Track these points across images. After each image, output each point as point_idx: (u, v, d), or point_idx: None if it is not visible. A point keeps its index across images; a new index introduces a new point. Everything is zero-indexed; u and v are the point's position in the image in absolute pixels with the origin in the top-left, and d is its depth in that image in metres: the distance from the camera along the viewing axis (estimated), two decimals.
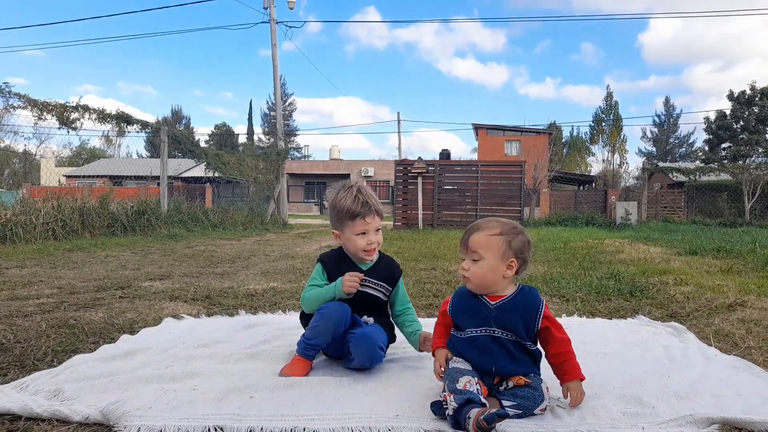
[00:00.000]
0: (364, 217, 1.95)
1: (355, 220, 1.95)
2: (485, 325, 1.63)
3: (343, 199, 1.97)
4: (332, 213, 2.02)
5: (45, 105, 8.75)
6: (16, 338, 2.31)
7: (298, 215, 27.69)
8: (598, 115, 52.07)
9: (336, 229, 2.02)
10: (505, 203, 14.29)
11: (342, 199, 1.97)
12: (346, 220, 1.96)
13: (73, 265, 5.01)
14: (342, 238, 2.01)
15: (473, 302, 1.67)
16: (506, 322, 1.62)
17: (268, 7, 16.88)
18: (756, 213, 18.03)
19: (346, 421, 1.45)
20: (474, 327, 1.64)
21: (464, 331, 1.65)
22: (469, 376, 1.52)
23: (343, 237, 2.00)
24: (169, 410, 1.51)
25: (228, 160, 13.05)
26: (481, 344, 1.61)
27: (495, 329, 1.62)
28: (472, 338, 1.63)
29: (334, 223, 2.02)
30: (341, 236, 2.01)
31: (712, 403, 1.59)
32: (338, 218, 1.99)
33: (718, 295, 3.37)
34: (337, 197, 2.00)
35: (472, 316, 1.65)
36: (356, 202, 1.94)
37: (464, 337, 1.65)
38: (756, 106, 28.83)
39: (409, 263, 5.23)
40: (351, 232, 1.97)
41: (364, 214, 1.95)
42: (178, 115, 61.03)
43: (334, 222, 2.02)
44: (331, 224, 2.05)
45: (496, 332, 1.62)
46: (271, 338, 2.33)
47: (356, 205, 1.94)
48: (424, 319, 2.77)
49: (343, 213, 1.96)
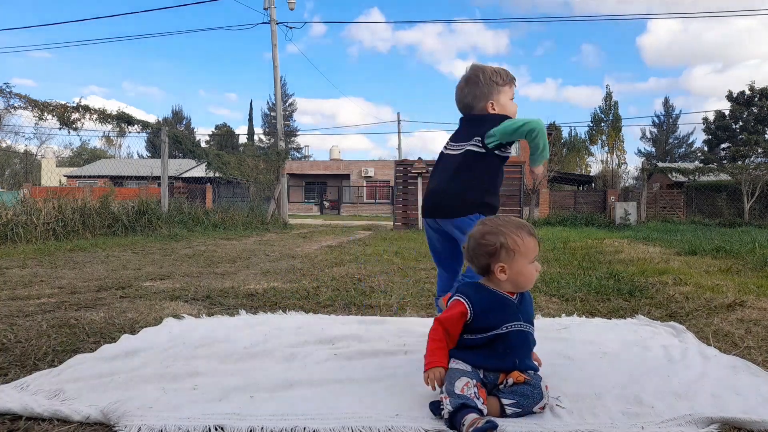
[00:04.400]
0: None
1: None
2: (515, 320, 1.60)
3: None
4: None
5: (46, 105, 8.75)
6: (16, 338, 2.31)
7: (298, 215, 27.70)
8: (597, 115, 52.07)
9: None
10: (504, 203, 14.27)
11: None
12: None
13: (73, 265, 5.01)
14: None
15: (496, 298, 1.62)
16: (528, 314, 1.63)
17: (269, 8, 16.90)
18: (755, 213, 18.04)
19: (346, 421, 1.46)
20: (506, 323, 1.58)
21: (491, 330, 1.57)
22: (467, 378, 1.51)
23: None
24: (169, 410, 1.52)
25: (228, 161, 13.05)
26: (510, 341, 1.58)
27: (522, 323, 1.61)
28: (500, 336, 1.57)
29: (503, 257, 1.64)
30: None
31: (711, 402, 1.59)
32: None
33: (718, 295, 3.37)
34: None
35: (502, 312, 1.60)
36: None
37: (489, 335, 1.57)
38: (755, 106, 28.83)
39: (409, 263, 5.24)
40: None
41: None
42: (179, 115, 61.01)
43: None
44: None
45: (523, 326, 1.61)
46: (271, 338, 2.34)
47: None
48: (423, 318, 2.78)
49: None
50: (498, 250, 1.60)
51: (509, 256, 1.60)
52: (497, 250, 1.60)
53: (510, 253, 1.60)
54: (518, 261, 1.60)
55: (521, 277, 1.62)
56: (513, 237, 1.60)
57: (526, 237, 1.62)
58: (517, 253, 1.60)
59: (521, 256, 1.60)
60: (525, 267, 1.61)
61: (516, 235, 1.61)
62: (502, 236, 1.61)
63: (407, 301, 3.28)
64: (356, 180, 39.50)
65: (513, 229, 1.62)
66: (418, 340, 2.31)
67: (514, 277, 1.61)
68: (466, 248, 1.69)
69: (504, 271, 1.60)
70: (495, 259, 1.60)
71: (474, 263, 1.66)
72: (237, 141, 54.92)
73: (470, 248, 1.65)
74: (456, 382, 1.49)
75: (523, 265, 1.61)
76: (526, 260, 1.61)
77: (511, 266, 1.60)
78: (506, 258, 1.60)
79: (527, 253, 1.61)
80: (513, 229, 1.62)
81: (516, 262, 1.60)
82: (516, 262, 1.60)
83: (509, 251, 1.60)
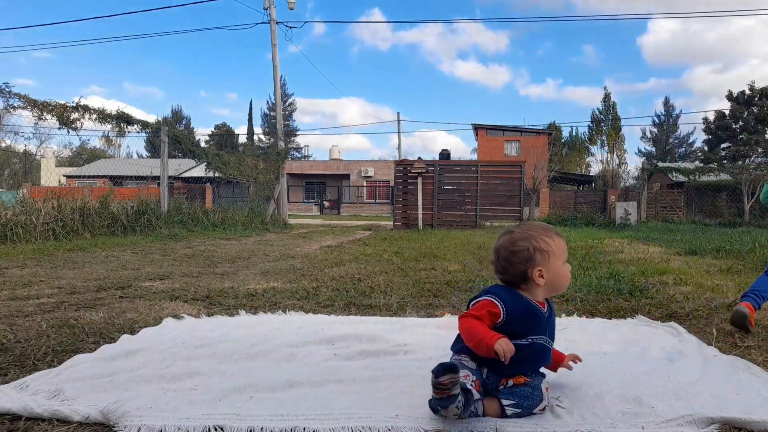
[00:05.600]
0: None
1: None
2: (541, 334, 1.57)
3: None
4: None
5: (45, 105, 8.75)
6: (16, 338, 2.31)
7: (298, 215, 27.70)
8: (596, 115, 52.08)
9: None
10: (504, 203, 14.30)
11: None
12: None
13: (73, 265, 5.01)
14: None
15: (529, 307, 1.58)
16: (553, 330, 1.61)
17: (269, 8, 16.90)
18: (755, 213, 18.05)
19: (346, 421, 1.45)
20: (532, 335, 1.55)
21: (515, 339, 1.52)
22: (467, 371, 1.51)
23: None
24: (169, 410, 1.51)
25: (228, 160, 13.05)
26: (529, 353, 1.55)
27: (546, 338, 1.59)
28: (521, 346, 1.53)
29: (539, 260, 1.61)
30: None
31: (711, 402, 1.59)
32: None
33: (718, 295, 3.37)
34: None
35: (532, 323, 1.57)
36: None
37: (525, 343, 1.54)
38: (755, 106, 28.84)
39: (409, 263, 5.24)
40: None
41: None
42: (178, 115, 61.03)
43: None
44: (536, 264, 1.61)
45: (546, 341, 1.59)
46: (271, 338, 2.34)
47: None
48: (423, 318, 2.78)
49: None
50: (533, 254, 1.58)
51: (544, 258, 1.58)
52: (532, 254, 1.58)
53: (545, 255, 1.58)
54: (554, 262, 1.59)
55: (559, 279, 1.60)
56: (544, 239, 1.59)
57: (556, 237, 1.61)
58: (552, 255, 1.58)
59: (555, 257, 1.59)
60: (560, 268, 1.60)
61: (547, 237, 1.60)
62: (533, 240, 1.59)
63: (407, 301, 3.28)
64: (356, 180, 39.51)
65: (541, 231, 1.62)
66: (418, 340, 2.32)
67: (552, 279, 1.59)
68: (495, 261, 1.65)
69: (542, 275, 1.57)
70: (531, 263, 1.58)
71: (508, 273, 1.62)
72: (237, 141, 54.94)
73: (502, 259, 1.62)
74: None
75: (559, 266, 1.60)
76: (560, 261, 1.60)
77: (548, 269, 1.58)
78: (542, 261, 1.58)
79: (560, 254, 1.60)
80: (542, 232, 1.61)
81: (552, 264, 1.58)
82: (552, 264, 1.58)
83: (543, 253, 1.58)
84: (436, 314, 2.91)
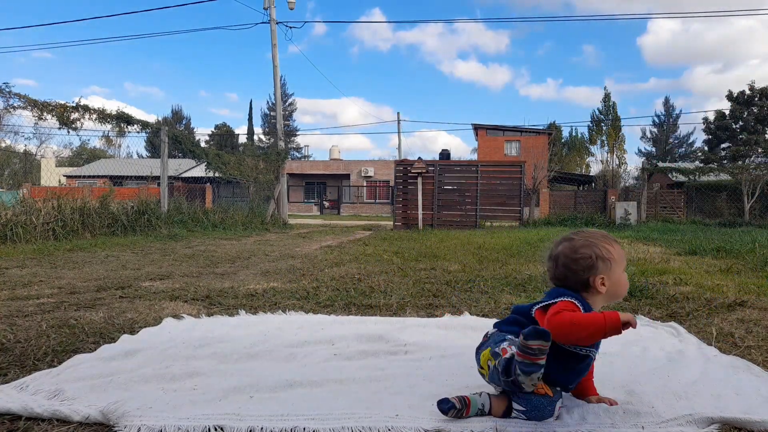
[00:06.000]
0: None
1: None
2: (595, 347, 1.55)
3: None
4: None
5: (45, 105, 8.75)
6: (16, 338, 2.31)
7: (298, 215, 27.70)
8: (596, 116, 52.09)
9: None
10: (504, 203, 14.30)
11: None
12: None
13: (73, 265, 5.01)
14: None
15: None
16: (599, 344, 1.58)
17: (269, 8, 16.91)
18: (755, 213, 18.05)
19: (346, 421, 1.45)
20: (590, 347, 1.53)
21: (574, 346, 1.50)
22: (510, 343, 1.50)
23: None
24: (169, 410, 1.51)
25: (228, 160, 13.05)
26: (579, 364, 1.53)
27: (596, 351, 1.57)
28: (576, 356, 1.50)
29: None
30: None
31: (711, 402, 1.59)
32: None
33: (718, 295, 3.37)
34: None
35: None
36: None
37: (569, 349, 1.50)
38: (755, 106, 28.85)
39: (409, 263, 5.24)
40: None
41: None
42: (179, 115, 61.04)
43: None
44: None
45: (594, 354, 1.56)
46: (271, 338, 2.34)
47: None
48: (423, 318, 2.78)
49: None
50: (595, 261, 1.56)
51: (607, 266, 1.56)
52: (594, 262, 1.56)
53: (607, 263, 1.56)
54: (615, 270, 1.57)
55: (619, 287, 1.58)
56: (606, 246, 1.58)
57: (615, 245, 1.60)
58: (613, 262, 1.57)
59: (617, 265, 1.57)
60: (621, 275, 1.59)
61: (608, 244, 1.58)
62: (595, 247, 1.57)
63: (407, 301, 3.28)
64: (356, 180, 39.51)
65: (602, 239, 1.60)
66: (418, 340, 2.32)
67: (613, 287, 1.57)
68: (553, 268, 1.63)
69: (604, 282, 1.55)
70: (594, 271, 1.56)
71: (568, 281, 1.59)
72: (237, 141, 54.95)
73: (562, 266, 1.59)
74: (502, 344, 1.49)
75: (620, 273, 1.58)
76: (621, 268, 1.59)
77: (609, 276, 1.56)
78: (604, 268, 1.56)
79: (621, 261, 1.59)
80: (602, 239, 1.60)
81: (613, 272, 1.57)
82: (613, 272, 1.57)
83: (606, 261, 1.56)
84: (436, 314, 2.91)
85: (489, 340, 1.60)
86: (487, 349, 1.55)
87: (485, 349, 1.56)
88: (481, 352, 1.57)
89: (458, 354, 2.07)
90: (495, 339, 1.57)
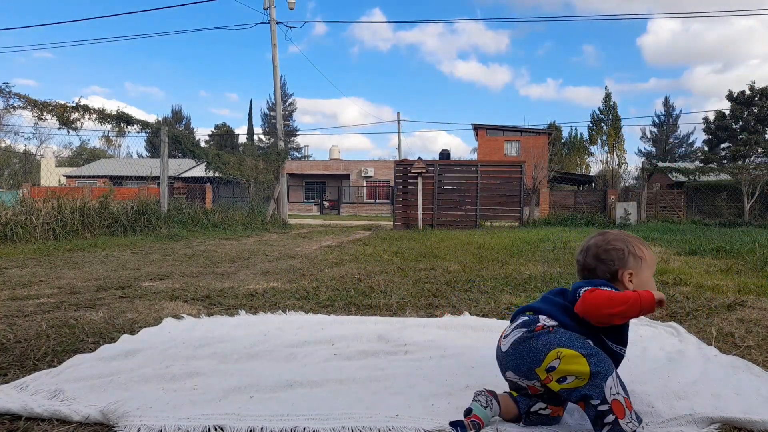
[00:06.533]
0: None
1: None
2: (626, 345, 1.55)
3: None
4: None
5: (45, 105, 8.75)
6: (16, 338, 2.31)
7: (298, 215, 27.70)
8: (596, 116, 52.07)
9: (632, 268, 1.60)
10: (504, 203, 14.31)
11: None
12: None
13: (73, 265, 5.01)
14: None
15: None
16: None
17: (269, 8, 16.91)
18: (755, 213, 18.05)
19: (346, 421, 1.45)
20: (624, 345, 1.54)
21: (616, 345, 1.50)
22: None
23: None
24: (169, 410, 1.51)
25: (228, 160, 13.05)
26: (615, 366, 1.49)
27: (625, 350, 1.55)
28: (615, 355, 1.50)
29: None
30: None
31: (711, 402, 1.59)
32: None
33: (718, 295, 3.37)
34: None
35: (628, 329, 1.56)
36: None
37: (620, 352, 1.51)
38: (755, 106, 28.84)
39: (409, 263, 5.24)
40: None
41: None
42: (178, 115, 61.03)
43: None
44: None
45: (624, 354, 1.55)
46: (271, 338, 2.34)
47: None
48: (423, 318, 2.78)
49: None
50: (626, 256, 1.57)
51: (637, 263, 1.56)
52: (626, 256, 1.57)
53: (638, 261, 1.57)
54: (644, 270, 1.57)
55: (647, 289, 1.54)
56: (639, 246, 1.59)
57: (648, 249, 1.60)
58: (644, 262, 1.57)
59: (647, 266, 1.58)
60: (650, 279, 1.58)
61: (641, 245, 1.60)
62: (629, 244, 1.59)
63: (407, 301, 3.28)
64: (356, 180, 39.51)
65: (636, 239, 1.62)
66: (418, 340, 2.31)
67: (640, 286, 1.55)
68: (583, 259, 1.62)
69: (632, 279, 1.55)
70: (624, 265, 1.56)
71: (596, 272, 1.59)
72: (237, 141, 54.94)
73: (592, 256, 1.59)
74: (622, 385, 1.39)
75: (649, 276, 1.58)
76: (651, 271, 1.58)
77: (638, 274, 1.56)
78: (634, 265, 1.56)
79: (652, 264, 1.59)
80: (636, 239, 1.62)
81: (643, 271, 1.56)
82: (643, 271, 1.56)
83: (637, 258, 1.57)
84: (436, 314, 2.91)
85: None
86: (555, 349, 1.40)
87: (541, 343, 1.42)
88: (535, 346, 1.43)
89: (458, 354, 2.07)
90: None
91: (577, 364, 1.35)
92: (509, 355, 1.47)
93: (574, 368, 1.35)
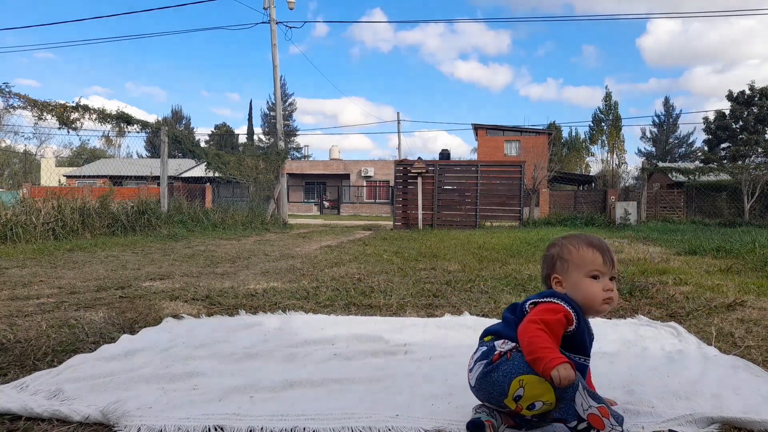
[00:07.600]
0: None
1: None
2: (587, 354, 1.49)
3: None
4: None
5: (45, 105, 8.75)
6: (16, 338, 2.31)
7: (298, 215, 27.70)
8: (597, 115, 52.05)
9: None
10: (504, 203, 14.31)
11: None
12: None
13: (73, 265, 5.01)
14: None
15: (587, 326, 1.48)
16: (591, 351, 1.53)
17: (269, 8, 16.91)
18: (755, 213, 18.05)
19: (346, 421, 1.45)
20: (585, 353, 1.48)
21: (576, 355, 1.45)
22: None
23: None
24: (169, 410, 1.51)
25: (228, 160, 13.06)
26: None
27: (588, 358, 1.51)
28: (584, 368, 1.45)
29: None
30: None
31: (711, 402, 1.59)
32: None
33: (718, 295, 3.37)
34: None
35: (589, 341, 1.49)
36: None
37: (582, 362, 1.45)
38: (755, 106, 28.85)
39: (409, 263, 5.24)
40: None
41: None
42: (179, 115, 61.03)
43: None
44: None
45: (587, 363, 1.50)
46: (271, 338, 2.34)
47: None
48: (423, 318, 2.78)
49: None
50: (555, 259, 1.53)
51: (563, 266, 1.51)
52: (554, 260, 1.53)
53: (564, 264, 1.50)
54: (572, 272, 1.49)
55: (577, 292, 1.47)
56: (567, 246, 1.52)
57: (583, 247, 1.51)
58: (570, 263, 1.49)
59: (574, 267, 1.49)
60: (581, 280, 1.47)
61: (571, 245, 1.52)
62: (559, 247, 1.54)
63: (407, 301, 3.28)
64: (356, 180, 39.51)
65: (572, 239, 1.55)
66: (418, 340, 2.32)
67: (571, 290, 1.48)
68: None
69: (560, 283, 1.50)
70: (552, 269, 1.53)
71: (542, 277, 1.60)
72: (237, 141, 54.94)
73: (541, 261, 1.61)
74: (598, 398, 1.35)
75: (579, 277, 1.48)
76: (581, 272, 1.48)
77: (565, 278, 1.50)
78: (560, 268, 1.51)
79: (581, 264, 1.48)
80: (571, 240, 1.55)
81: (570, 274, 1.49)
82: (570, 274, 1.49)
83: (563, 261, 1.51)
84: (436, 314, 2.91)
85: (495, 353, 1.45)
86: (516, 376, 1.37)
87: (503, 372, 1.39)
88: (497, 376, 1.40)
89: (458, 354, 2.07)
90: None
91: (541, 388, 1.31)
92: (477, 390, 1.44)
93: (539, 392, 1.32)
